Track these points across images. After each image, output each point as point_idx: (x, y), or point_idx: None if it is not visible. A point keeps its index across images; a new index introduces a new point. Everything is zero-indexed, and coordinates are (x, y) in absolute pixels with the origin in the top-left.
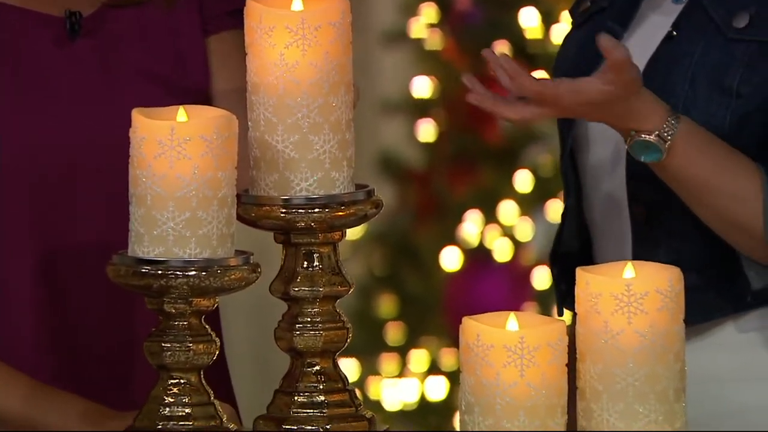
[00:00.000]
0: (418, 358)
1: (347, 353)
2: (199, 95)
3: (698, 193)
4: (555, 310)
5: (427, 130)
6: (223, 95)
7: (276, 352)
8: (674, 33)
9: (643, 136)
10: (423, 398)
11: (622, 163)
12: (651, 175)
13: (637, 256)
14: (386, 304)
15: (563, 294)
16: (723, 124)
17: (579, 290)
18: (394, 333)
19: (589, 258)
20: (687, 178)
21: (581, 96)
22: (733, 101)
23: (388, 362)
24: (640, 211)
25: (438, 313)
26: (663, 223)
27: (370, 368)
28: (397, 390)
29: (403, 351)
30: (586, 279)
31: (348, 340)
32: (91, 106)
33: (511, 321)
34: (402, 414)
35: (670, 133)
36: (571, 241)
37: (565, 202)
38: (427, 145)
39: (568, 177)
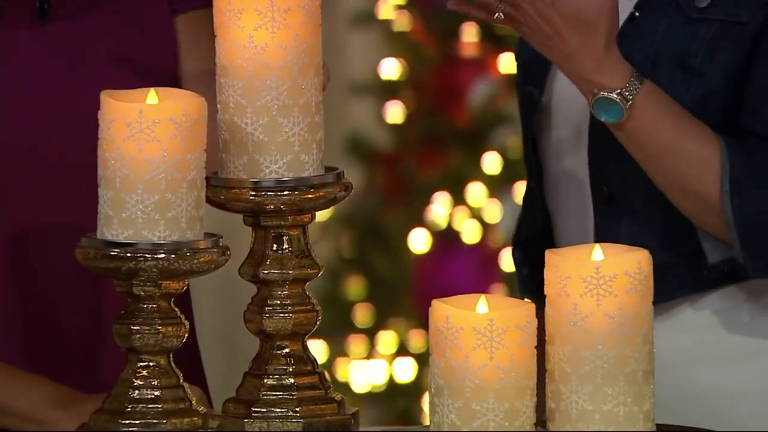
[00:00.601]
0: (387, 340)
1: (315, 335)
2: (168, 77)
3: (657, 157)
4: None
5: (395, 112)
6: (192, 77)
7: (245, 334)
8: (636, 14)
9: (605, 93)
10: (391, 380)
11: (583, 144)
12: (612, 155)
13: (599, 236)
14: (354, 286)
15: (525, 279)
16: (685, 104)
17: (548, 273)
18: (362, 315)
19: (551, 242)
20: (646, 141)
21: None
22: (695, 80)
23: (356, 344)
24: (601, 191)
25: (406, 294)
26: (624, 203)
27: (338, 350)
28: (365, 372)
29: (371, 333)
30: (556, 261)
31: (317, 323)
32: (60, 89)
33: (481, 304)
34: (370, 396)
35: (632, 93)
36: (533, 226)
37: (527, 186)
38: (395, 126)
39: (530, 161)
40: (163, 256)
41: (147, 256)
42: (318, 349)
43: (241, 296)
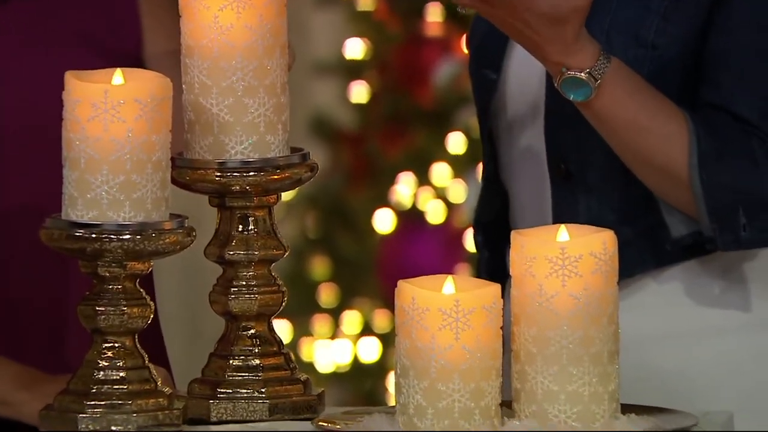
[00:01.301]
0: (351, 320)
1: (280, 315)
2: (132, 57)
3: (625, 133)
4: None
5: (359, 92)
6: (157, 57)
7: (210, 315)
8: None
9: (573, 73)
10: (356, 360)
11: (540, 122)
12: (569, 132)
13: (557, 213)
14: (319, 266)
15: (486, 261)
16: (641, 73)
17: (514, 253)
18: (326, 295)
19: (509, 225)
20: (614, 118)
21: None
22: (649, 53)
23: (320, 324)
24: (559, 168)
25: (371, 274)
26: (582, 179)
27: (302, 330)
28: (330, 352)
29: (335, 313)
30: (521, 242)
31: (283, 304)
32: (22, 68)
33: (447, 284)
34: (335, 376)
35: (600, 71)
36: (491, 208)
37: (484, 168)
38: (359, 106)
39: (486, 142)
40: (128, 237)
41: (112, 236)
42: (282, 329)
43: (205, 277)
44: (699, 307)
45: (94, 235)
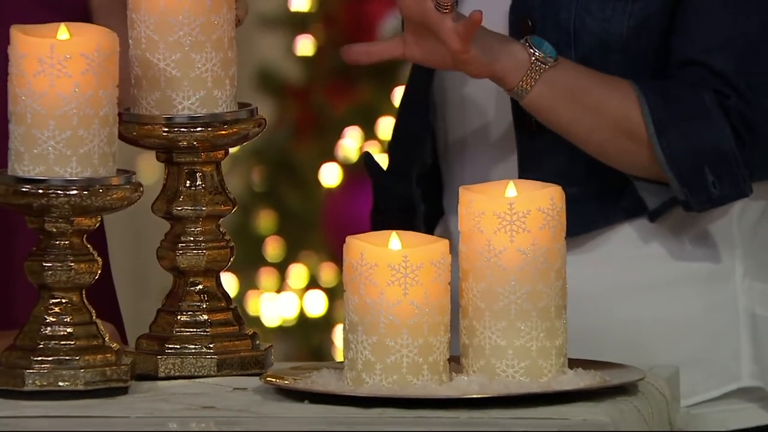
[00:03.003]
0: (297, 274)
1: (225, 268)
2: (78, 11)
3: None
4: None
5: (305, 45)
6: (103, 12)
7: (158, 271)
8: None
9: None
10: (302, 314)
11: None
12: None
13: (523, 169)
14: (265, 220)
15: (425, 215)
16: (621, 30)
17: (462, 209)
18: (272, 248)
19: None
20: (550, 122)
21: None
22: (629, 5)
23: (266, 278)
24: (529, 122)
25: (317, 228)
26: (550, 134)
27: (248, 284)
28: (276, 305)
29: (282, 267)
30: (469, 198)
31: (231, 259)
32: None
33: (394, 240)
34: (281, 330)
35: (524, 91)
36: (428, 160)
37: (426, 118)
38: (305, 59)
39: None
40: (75, 192)
41: (59, 192)
42: (228, 282)
43: (152, 233)
44: (657, 260)
45: (41, 191)
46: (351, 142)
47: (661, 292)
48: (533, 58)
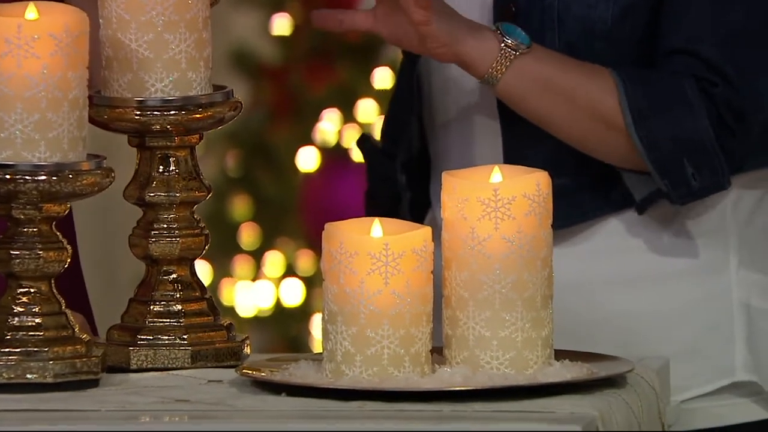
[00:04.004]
0: (274, 262)
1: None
2: None
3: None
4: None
5: (282, 24)
6: None
7: (129, 259)
8: None
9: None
10: (279, 303)
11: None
12: None
13: (508, 157)
14: (240, 206)
15: (411, 202)
16: (605, 16)
17: (445, 195)
18: (248, 235)
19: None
20: (524, 112)
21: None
22: None
23: (241, 266)
24: (512, 115)
25: (294, 214)
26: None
27: (222, 272)
28: (251, 294)
29: (257, 254)
30: (453, 183)
31: (206, 247)
32: None
33: (375, 227)
34: (256, 320)
35: (494, 79)
36: (415, 145)
37: (411, 102)
38: (282, 39)
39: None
40: (43, 178)
41: (27, 177)
42: (202, 271)
43: (120, 219)
44: (647, 252)
45: (8, 176)
46: (329, 125)
47: (653, 284)
48: (503, 45)
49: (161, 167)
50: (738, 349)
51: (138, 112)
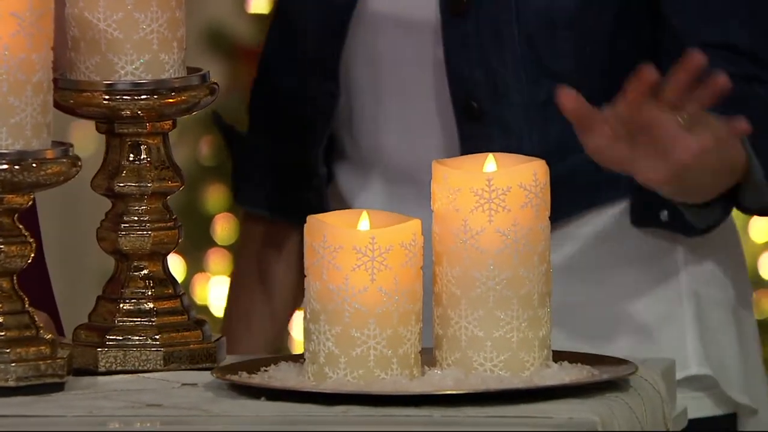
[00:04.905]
0: None
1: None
2: None
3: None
4: None
5: (259, 2)
6: None
7: (97, 253)
8: None
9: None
10: None
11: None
12: (477, 61)
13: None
14: (214, 196)
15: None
16: (568, 4)
17: (435, 186)
18: (222, 228)
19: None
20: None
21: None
22: None
23: (216, 260)
24: (469, 106)
25: None
26: (498, 118)
27: (195, 267)
28: (226, 291)
29: (233, 248)
30: (444, 173)
31: (180, 241)
32: None
33: (362, 220)
34: None
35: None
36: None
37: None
38: (260, 17)
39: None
40: (5, 167)
41: None
42: (174, 265)
43: (86, 210)
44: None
45: None
46: None
47: (604, 273)
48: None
49: (131, 155)
50: (689, 342)
51: (106, 97)
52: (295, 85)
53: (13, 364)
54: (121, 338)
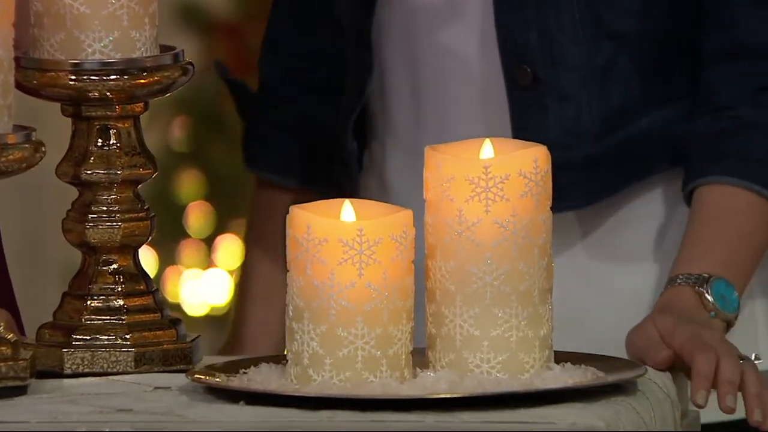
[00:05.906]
0: (228, 248)
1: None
2: None
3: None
4: None
5: None
6: None
7: (62, 246)
8: None
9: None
10: (234, 297)
11: (474, 11)
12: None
13: (518, 130)
14: (188, 184)
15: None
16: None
17: (428, 173)
18: (197, 218)
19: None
20: None
21: None
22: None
23: (189, 253)
24: (523, 71)
25: (251, 194)
26: (553, 85)
27: (167, 260)
28: (201, 287)
29: (209, 240)
30: (437, 160)
31: (152, 233)
32: None
33: (347, 210)
34: (209, 317)
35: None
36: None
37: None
38: None
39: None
40: None
41: None
42: (145, 259)
43: (49, 198)
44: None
45: None
46: None
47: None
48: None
49: (100, 140)
50: None
51: (73, 77)
52: (323, 47)
53: None
54: (88, 338)
